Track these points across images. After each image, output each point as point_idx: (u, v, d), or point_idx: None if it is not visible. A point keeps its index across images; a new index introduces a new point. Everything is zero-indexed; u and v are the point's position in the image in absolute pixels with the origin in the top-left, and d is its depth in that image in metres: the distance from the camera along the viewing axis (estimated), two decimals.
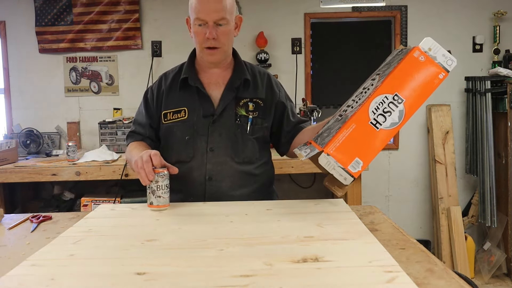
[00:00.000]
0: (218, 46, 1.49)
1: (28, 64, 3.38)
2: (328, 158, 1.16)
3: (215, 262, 0.94)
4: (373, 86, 1.21)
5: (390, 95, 1.17)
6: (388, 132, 1.17)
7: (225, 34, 1.48)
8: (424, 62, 1.17)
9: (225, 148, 1.54)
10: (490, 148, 3.15)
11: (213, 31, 1.46)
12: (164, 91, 1.61)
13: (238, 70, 1.60)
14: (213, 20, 1.45)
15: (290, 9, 3.37)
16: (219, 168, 1.53)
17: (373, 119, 1.17)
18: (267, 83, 1.63)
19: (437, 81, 1.18)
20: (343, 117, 1.23)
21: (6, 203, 2.94)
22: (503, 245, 3.16)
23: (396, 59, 1.22)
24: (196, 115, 1.55)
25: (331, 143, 1.17)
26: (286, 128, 1.63)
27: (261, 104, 1.58)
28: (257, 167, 1.59)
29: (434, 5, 3.37)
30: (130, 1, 3.32)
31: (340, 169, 1.17)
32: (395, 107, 1.17)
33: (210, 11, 1.44)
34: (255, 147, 1.58)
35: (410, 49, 1.19)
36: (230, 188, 1.54)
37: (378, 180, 3.46)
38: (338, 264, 0.91)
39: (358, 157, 1.17)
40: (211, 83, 1.58)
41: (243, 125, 1.55)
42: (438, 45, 1.18)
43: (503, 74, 3.07)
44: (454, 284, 0.84)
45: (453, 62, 1.18)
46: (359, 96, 1.25)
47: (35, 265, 0.95)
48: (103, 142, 3.09)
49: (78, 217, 1.34)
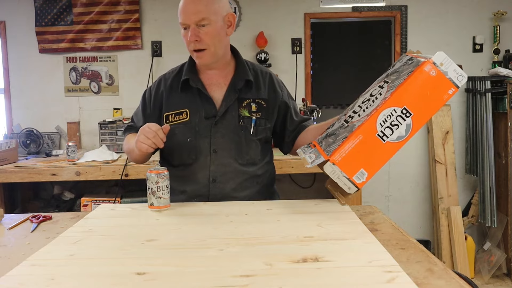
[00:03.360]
0: (203, 47, 1.47)
1: (28, 64, 3.38)
2: (334, 167, 1.17)
3: (215, 262, 0.94)
4: (381, 95, 1.21)
5: (399, 108, 1.17)
6: (394, 145, 1.17)
7: (209, 34, 1.45)
8: (435, 78, 1.16)
9: (229, 150, 1.53)
10: (490, 148, 3.15)
11: (194, 33, 1.44)
12: (163, 92, 1.60)
13: (240, 71, 1.58)
14: (194, 22, 1.44)
15: (290, 9, 3.37)
16: (223, 170, 1.53)
17: (380, 132, 1.17)
18: (270, 83, 1.62)
19: (446, 97, 1.17)
20: (350, 126, 1.23)
21: (6, 203, 2.94)
22: (503, 245, 3.16)
23: (407, 70, 1.21)
24: (198, 116, 1.54)
25: (337, 152, 1.18)
26: (289, 127, 1.63)
27: (264, 104, 1.57)
28: (260, 167, 1.59)
29: (434, 5, 3.37)
30: (130, 1, 3.32)
31: (345, 179, 1.18)
32: (403, 121, 1.17)
33: (190, 13, 1.44)
34: (258, 148, 1.57)
35: (421, 62, 1.17)
36: (234, 190, 1.53)
37: (378, 180, 3.45)
38: (338, 264, 0.91)
39: (363, 168, 1.17)
40: (213, 84, 1.57)
41: (246, 126, 1.54)
42: (450, 60, 1.17)
43: (503, 74, 3.07)
44: (454, 284, 0.84)
45: (464, 78, 1.17)
46: (367, 104, 1.24)
47: (35, 265, 0.95)
48: (103, 142, 3.09)
49: (78, 217, 1.34)
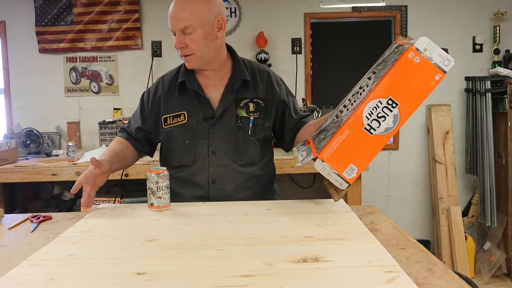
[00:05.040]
0: (190, 53, 1.48)
1: (28, 64, 3.38)
2: (323, 164, 1.16)
3: (215, 262, 0.94)
4: (368, 87, 1.18)
5: (384, 99, 1.13)
6: (382, 137, 1.14)
7: (194, 41, 1.46)
8: (419, 64, 1.12)
9: (227, 151, 1.53)
10: (490, 148, 3.15)
11: (179, 40, 1.46)
12: (161, 95, 1.60)
13: (237, 71, 1.58)
14: (178, 30, 1.46)
15: (290, 9, 3.37)
16: (222, 171, 1.53)
17: (367, 125, 1.14)
18: (268, 81, 1.61)
19: (433, 83, 1.13)
20: (339, 121, 1.21)
21: (6, 203, 2.95)
22: (503, 245, 3.16)
23: (392, 58, 1.18)
24: (196, 118, 1.54)
25: (325, 149, 1.16)
26: (288, 126, 1.62)
27: (262, 104, 1.57)
28: (260, 167, 1.59)
29: (434, 5, 3.37)
30: (130, 1, 3.32)
31: (335, 175, 1.16)
32: (390, 112, 1.13)
33: (174, 21, 1.46)
34: (257, 148, 1.57)
35: (405, 49, 1.14)
36: (234, 190, 1.54)
37: (378, 180, 3.46)
38: (338, 264, 0.91)
39: (352, 163, 1.15)
40: (209, 85, 1.57)
41: (244, 127, 1.54)
42: (434, 44, 1.13)
43: (503, 74, 3.07)
44: (454, 284, 0.84)
45: (450, 62, 1.13)
46: (355, 97, 1.22)
47: (35, 265, 0.95)
48: (103, 142, 3.09)
49: (78, 217, 1.34)
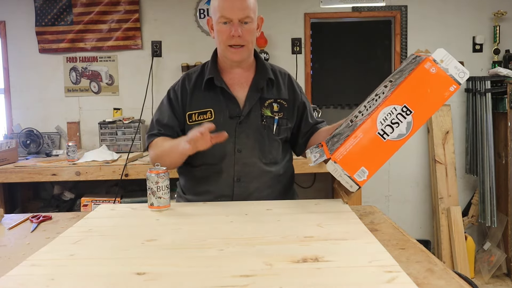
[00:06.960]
0: (243, 43, 1.49)
1: (28, 64, 3.37)
2: (335, 165, 1.18)
3: (215, 262, 0.94)
4: (384, 94, 1.21)
5: (399, 106, 1.16)
6: (395, 143, 1.17)
7: (250, 32, 1.49)
8: (435, 74, 1.16)
9: (253, 150, 1.53)
10: (490, 148, 3.15)
11: (238, 29, 1.45)
12: (188, 91, 1.58)
13: (261, 71, 1.59)
14: (238, 18, 1.45)
15: (290, 9, 3.36)
16: (247, 169, 1.53)
17: (381, 130, 1.17)
18: (289, 83, 1.64)
19: (447, 94, 1.16)
20: (353, 125, 1.23)
21: (6, 203, 2.95)
22: (503, 245, 3.16)
23: (409, 68, 1.21)
24: (223, 116, 1.53)
25: (338, 151, 1.18)
26: (304, 129, 1.63)
27: (285, 104, 1.58)
28: (282, 166, 1.60)
29: (434, 5, 3.37)
30: (130, 1, 3.31)
31: (346, 177, 1.18)
32: (403, 119, 1.16)
33: (236, 9, 1.44)
34: (279, 148, 1.58)
35: (422, 59, 1.17)
36: (258, 189, 1.54)
37: (378, 180, 3.45)
38: (338, 264, 0.91)
39: (364, 166, 1.18)
40: (235, 83, 1.57)
41: (269, 126, 1.55)
42: (451, 56, 1.16)
43: (503, 74, 3.07)
44: (454, 284, 0.84)
45: (465, 75, 1.16)
46: (370, 103, 1.24)
47: (35, 265, 0.95)
48: (103, 142, 3.09)
49: (78, 217, 1.34)
